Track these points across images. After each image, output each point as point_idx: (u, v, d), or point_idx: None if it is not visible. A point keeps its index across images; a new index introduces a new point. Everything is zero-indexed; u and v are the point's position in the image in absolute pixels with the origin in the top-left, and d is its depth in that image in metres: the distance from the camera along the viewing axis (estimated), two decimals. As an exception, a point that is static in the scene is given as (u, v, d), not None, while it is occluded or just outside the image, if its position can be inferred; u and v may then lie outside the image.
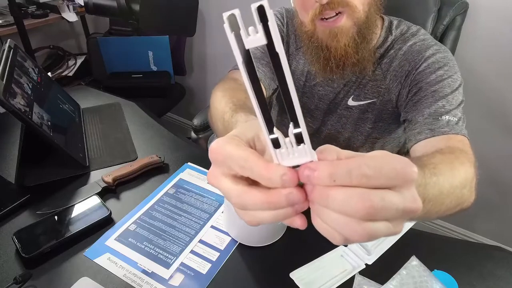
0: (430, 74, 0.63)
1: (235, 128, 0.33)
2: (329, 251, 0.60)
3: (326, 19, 0.62)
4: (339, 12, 0.61)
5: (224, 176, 0.28)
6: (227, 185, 0.27)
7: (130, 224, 0.65)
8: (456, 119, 0.59)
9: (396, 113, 0.74)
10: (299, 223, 0.26)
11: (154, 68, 1.69)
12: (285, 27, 0.79)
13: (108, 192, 0.71)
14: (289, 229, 0.63)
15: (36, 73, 0.83)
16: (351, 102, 0.77)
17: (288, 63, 0.86)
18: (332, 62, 0.66)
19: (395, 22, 0.72)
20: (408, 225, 0.63)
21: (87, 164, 0.78)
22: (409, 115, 0.64)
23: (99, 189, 0.69)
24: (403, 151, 0.92)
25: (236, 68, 0.75)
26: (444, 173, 0.43)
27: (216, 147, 0.27)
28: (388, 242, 0.60)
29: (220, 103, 0.57)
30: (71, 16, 1.72)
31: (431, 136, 0.58)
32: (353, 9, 0.60)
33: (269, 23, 0.20)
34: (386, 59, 0.70)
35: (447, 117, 0.58)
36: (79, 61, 1.91)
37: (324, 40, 0.65)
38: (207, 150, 0.96)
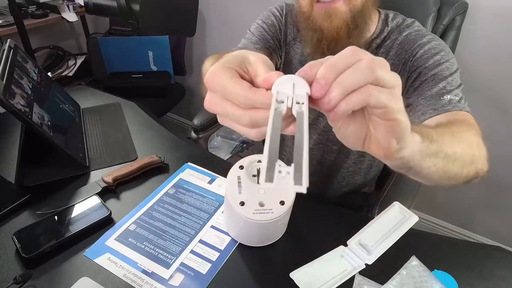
0: (428, 60, 0.65)
1: None
2: (329, 251, 0.60)
3: (324, 2, 0.64)
4: None
5: (224, 100, 0.29)
6: (232, 109, 0.29)
7: (130, 224, 0.65)
8: (458, 98, 0.60)
9: None
10: (291, 128, 0.30)
11: (154, 68, 1.69)
12: (283, 18, 0.82)
13: (108, 192, 0.71)
14: (289, 229, 0.63)
15: (36, 73, 0.83)
16: None
17: (285, 51, 0.86)
18: (324, 43, 0.68)
19: (391, 15, 0.74)
20: (408, 225, 0.63)
21: (87, 164, 0.78)
22: (411, 99, 0.65)
23: (99, 189, 0.69)
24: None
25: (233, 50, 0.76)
26: (452, 136, 0.45)
27: (212, 79, 0.29)
28: (388, 242, 0.60)
29: (209, 62, 0.61)
30: (71, 16, 1.72)
31: (435, 115, 0.59)
32: None
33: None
34: (383, 49, 0.72)
35: (448, 96, 0.60)
36: (79, 61, 1.91)
37: (319, 21, 0.67)
38: (207, 150, 0.97)
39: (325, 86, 0.28)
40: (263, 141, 0.28)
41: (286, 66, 0.83)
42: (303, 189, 0.25)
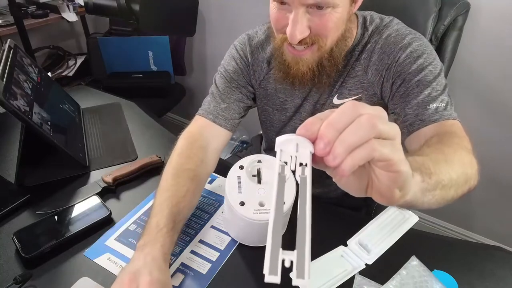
0: (411, 65, 0.64)
1: (159, 249, 0.51)
2: (329, 251, 0.60)
3: (294, 49, 0.64)
4: (311, 44, 0.62)
5: None
6: None
7: (130, 224, 0.65)
8: (444, 105, 0.60)
9: (382, 104, 0.74)
10: None
11: (154, 68, 1.69)
12: (249, 57, 0.79)
13: (108, 192, 0.71)
14: (289, 229, 0.63)
15: (36, 73, 0.83)
16: (336, 101, 0.77)
17: (262, 87, 0.81)
18: (291, 77, 0.69)
19: (368, 18, 0.73)
20: (408, 225, 0.63)
21: (87, 164, 0.78)
22: (398, 107, 0.65)
23: (99, 189, 0.69)
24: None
25: (202, 114, 0.75)
26: (446, 162, 0.45)
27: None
28: (388, 242, 0.60)
29: (166, 183, 0.62)
30: (71, 16, 1.72)
31: (423, 126, 0.59)
32: (323, 43, 0.62)
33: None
34: (364, 54, 0.71)
35: (434, 104, 0.60)
36: (79, 61, 1.91)
37: (287, 60, 0.67)
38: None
39: (329, 144, 0.28)
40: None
41: (266, 99, 0.81)
42: (305, 283, 0.25)
